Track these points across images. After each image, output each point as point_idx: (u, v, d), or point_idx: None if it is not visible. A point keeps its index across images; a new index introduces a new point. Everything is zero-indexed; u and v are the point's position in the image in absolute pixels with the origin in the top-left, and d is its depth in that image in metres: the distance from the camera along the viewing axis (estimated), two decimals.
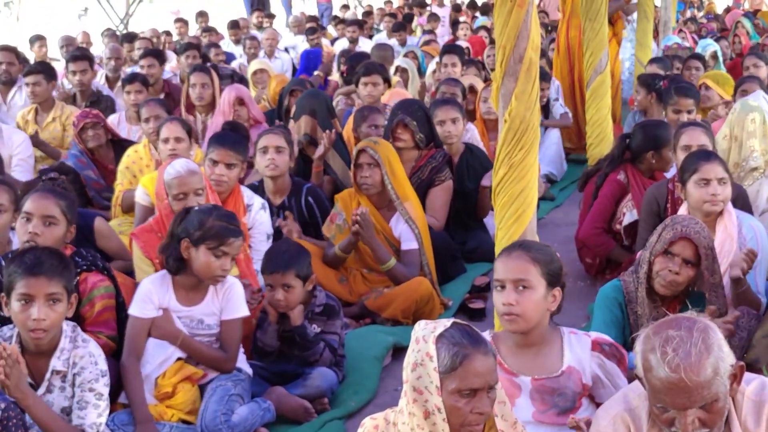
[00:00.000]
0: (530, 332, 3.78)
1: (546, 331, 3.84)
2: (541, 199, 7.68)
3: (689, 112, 7.35)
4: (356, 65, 9.24)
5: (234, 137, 6.15)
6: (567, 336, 3.88)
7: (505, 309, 3.71)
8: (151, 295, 4.67)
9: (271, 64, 12.15)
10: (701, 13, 20.17)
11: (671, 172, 6.23)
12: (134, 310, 4.66)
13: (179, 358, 4.64)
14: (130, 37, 13.82)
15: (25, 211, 4.68)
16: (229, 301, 4.72)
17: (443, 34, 17.28)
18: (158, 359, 4.59)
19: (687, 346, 2.87)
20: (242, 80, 10.90)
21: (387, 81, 8.70)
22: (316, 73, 11.72)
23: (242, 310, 4.76)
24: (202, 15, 18.43)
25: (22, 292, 3.91)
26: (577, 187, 7.00)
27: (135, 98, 8.49)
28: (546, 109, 9.60)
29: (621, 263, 6.24)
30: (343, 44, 15.20)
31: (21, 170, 7.39)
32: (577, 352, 3.83)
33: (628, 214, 6.27)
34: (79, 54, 9.96)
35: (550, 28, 16.40)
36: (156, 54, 10.32)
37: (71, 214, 4.79)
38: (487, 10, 20.29)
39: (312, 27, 15.65)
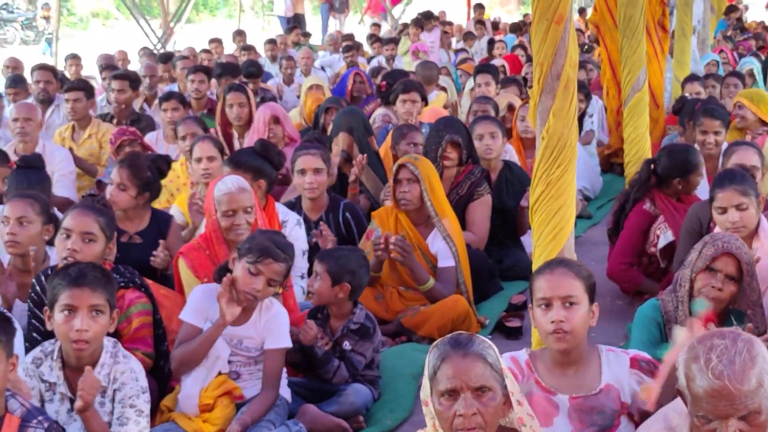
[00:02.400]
0: (572, 350, 3.76)
1: (584, 349, 3.83)
2: (579, 217, 7.65)
3: (716, 133, 7.28)
4: (393, 82, 9.25)
5: (242, 155, 6.17)
6: (605, 354, 3.86)
7: (554, 326, 3.69)
8: (201, 303, 4.70)
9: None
10: (742, 35, 19.99)
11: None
12: (186, 315, 4.69)
13: (221, 373, 4.64)
14: (166, 57, 13.93)
15: (64, 228, 4.69)
16: (272, 329, 4.68)
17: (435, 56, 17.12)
18: (201, 373, 4.60)
19: (731, 354, 2.85)
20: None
21: (424, 99, 8.70)
22: None
23: (286, 341, 4.71)
24: (240, 34, 18.53)
25: (65, 303, 3.93)
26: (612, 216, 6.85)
27: (171, 116, 8.53)
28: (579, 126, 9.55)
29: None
30: (380, 62, 15.22)
31: (62, 186, 7.45)
32: (615, 369, 3.81)
33: (662, 237, 6.19)
34: (122, 73, 10.06)
35: (586, 47, 16.37)
36: (206, 70, 10.39)
37: (110, 230, 4.81)
38: (515, 28, 20.27)
39: (348, 45, 15.69)
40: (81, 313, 3.92)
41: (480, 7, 22.07)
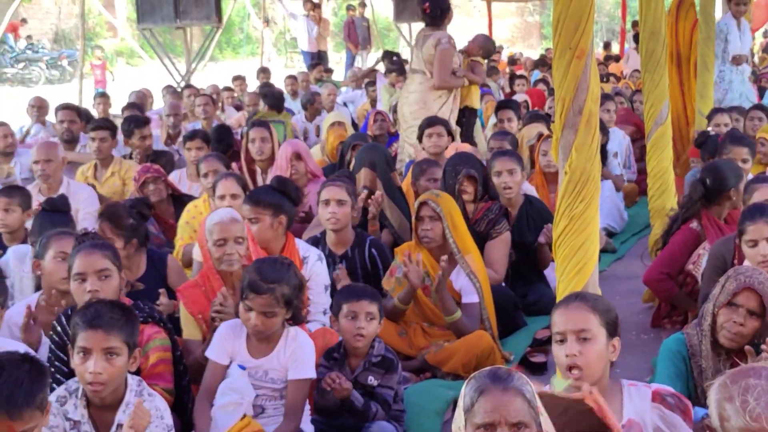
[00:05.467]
0: (593, 385, 3.73)
1: (606, 384, 3.80)
2: (602, 251, 7.62)
3: (744, 161, 7.27)
4: None
5: (260, 193, 6.15)
6: (626, 389, 3.83)
7: (568, 361, 3.66)
8: (225, 341, 4.71)
9: None
10: (761, 66, 19.89)
11: None
12: (211, 353, 4.71)
13: (245, 414, 4.61)
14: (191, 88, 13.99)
15: (77, 273, 4.68)
16: (297, 360, 4.66)
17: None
18: (223, 420, 4.57)
19: None
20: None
21: (450, 134, 8.69)
22: None
23: (310, 372, 4.70)
24: (263, 71, 18.64)
25: (80, 345, 3.95)
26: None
27: (196, 155, 8.55)
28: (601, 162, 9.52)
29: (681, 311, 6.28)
30: None
31: (87, 223, 7.45)
32: (637, 404, 3.77)
33: (705, 257, 6.16)
34: (143, 119, 10.10)
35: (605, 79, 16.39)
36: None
37: (118, 260, 4.84)
38: (539, 64, 20.26)
39: (371, 81, 15.74)
40: (95, 355, 3.93)
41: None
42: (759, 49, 20.37)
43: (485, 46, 11.23)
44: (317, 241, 6.46)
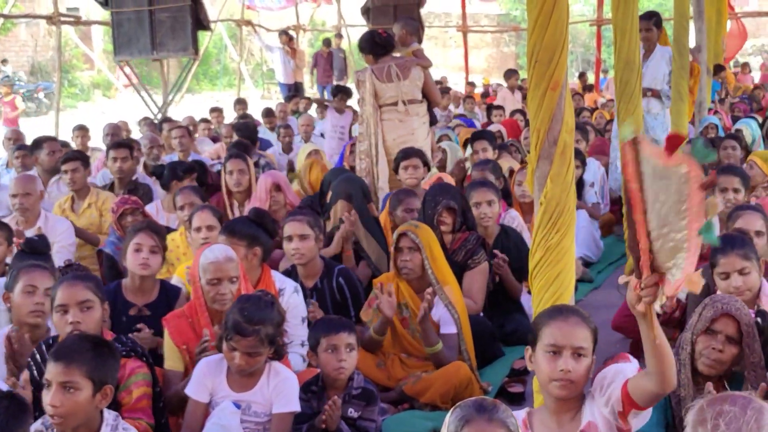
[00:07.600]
0: (569, 398, 3.75)
1: (579, 397, 3.81)
2: (579, 281, 7.64)
3: (735, 190, 7.23)
4: None
5: (236, 224, 6.16)
6: (589, 396, 3.82)
7: (560, 375, 3.67)
8: (206, 378, 4.69)
9: None
10: (735, 95, 19.97)
11: None
12: (191, 390, 4.69)
13: None
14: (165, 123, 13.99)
15: (59, 304, 4.66)
16: (281, 393, 4.67)
17: None
18: None
19: (739, 422, 2.85)
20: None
21: (426, 164, 8.70)
22: None
23: (294, 405, 4.71)
24: (240, 103, 18.64)
25: (45, 377, 3.96)
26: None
27: (175, 185, 8.52)
28: (578, 193, 9.54)
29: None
30: None
31: (61, 256, 7.41)
32: (593, 405, 3.76)
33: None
34: (121, 141, 10.08)
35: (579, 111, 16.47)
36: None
37: (102, 292, 4.82)
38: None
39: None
40: (53, 388, 3.91)
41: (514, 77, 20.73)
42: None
43: (411, 25, 10.73)
44: (288, 274, 6.45)
